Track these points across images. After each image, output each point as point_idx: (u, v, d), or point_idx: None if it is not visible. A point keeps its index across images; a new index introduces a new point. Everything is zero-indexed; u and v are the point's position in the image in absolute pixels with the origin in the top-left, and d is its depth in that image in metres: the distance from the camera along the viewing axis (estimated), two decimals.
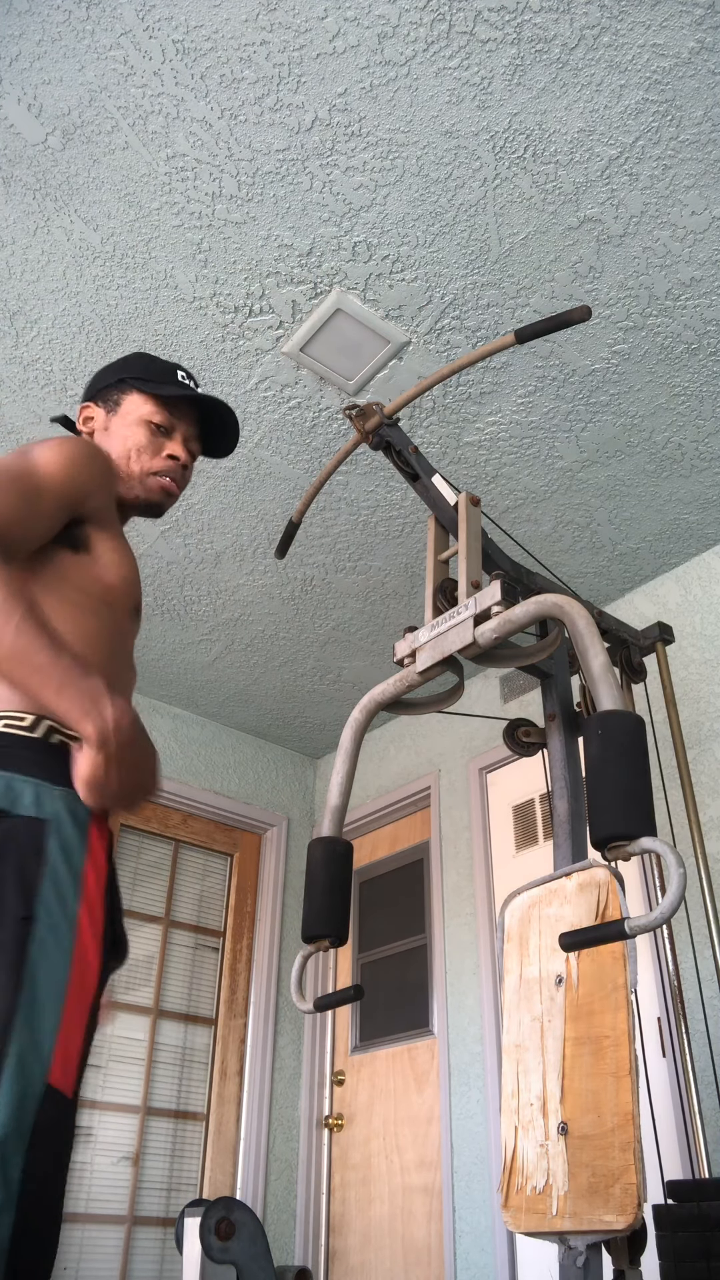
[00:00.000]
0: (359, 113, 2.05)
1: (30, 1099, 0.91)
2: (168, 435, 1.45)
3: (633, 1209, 1.31)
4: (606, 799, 1.24)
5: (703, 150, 2.10)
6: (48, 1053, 0.94)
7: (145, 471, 1.41)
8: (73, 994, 0.98)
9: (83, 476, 1.26)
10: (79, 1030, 0.98)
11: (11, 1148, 0.89)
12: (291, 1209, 3.66)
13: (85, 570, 1.25)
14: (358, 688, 4.06)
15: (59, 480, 1.22)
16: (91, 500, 1.27)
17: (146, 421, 1.43)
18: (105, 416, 1.45)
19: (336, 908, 1.67)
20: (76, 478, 1.25)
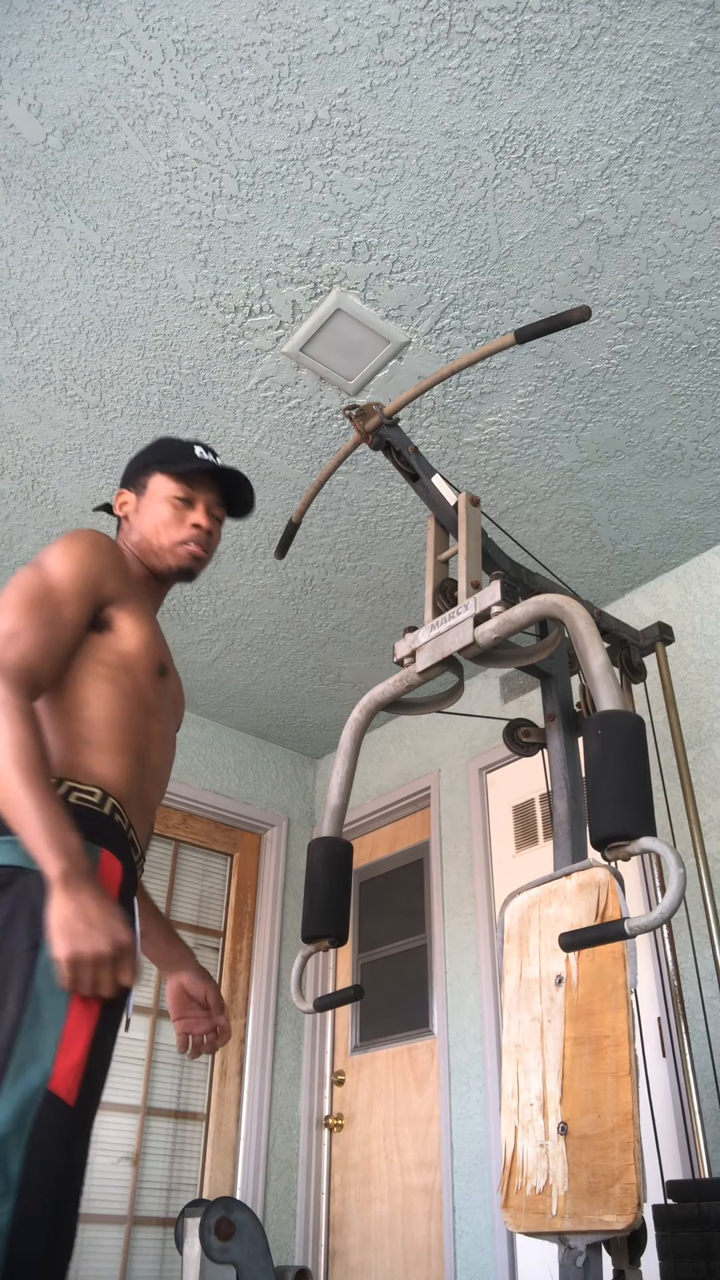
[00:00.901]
0: (359, 113, 2.05)
1: (31, 1103, 1.03)
2: (190, 507, 1.58)
3: (633, 1209, 1.31)
4: (606, 799, 1.24)
5: (703, 150, 2.10)
6: (49, 1063, 1.06)
7: (173, 542, 1.56)
8: (75, 1012, 1.11)
9: (94, 570, 1.39)
10: (82, 1044, 1.10)
11: (11, 1145, 1.00)
12: (291, 1209, 3.67)
13: (107, 645, 1.39)
14: (358, 688, 4.06)
15: (75, 586, 1.36)
16: (105, 586, 1.40)
17: (170, 498, 1.57)
18: (136, 500, 1.61)
19: (336, 908, 1.67)
20: (89, 575, 1.38)
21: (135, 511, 1.60)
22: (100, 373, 2.65)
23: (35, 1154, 1.01)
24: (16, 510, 3.13)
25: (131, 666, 1.39)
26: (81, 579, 1.37)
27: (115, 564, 1.44)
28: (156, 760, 1.43)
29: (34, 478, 3.00)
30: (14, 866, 1.19)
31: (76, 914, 1.08)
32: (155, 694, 1.43)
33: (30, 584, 1.33)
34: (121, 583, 1.44)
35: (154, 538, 1.56)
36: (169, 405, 2.75)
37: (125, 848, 1.31)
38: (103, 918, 1.10)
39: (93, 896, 1.10)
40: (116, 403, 2.75)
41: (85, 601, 1.36)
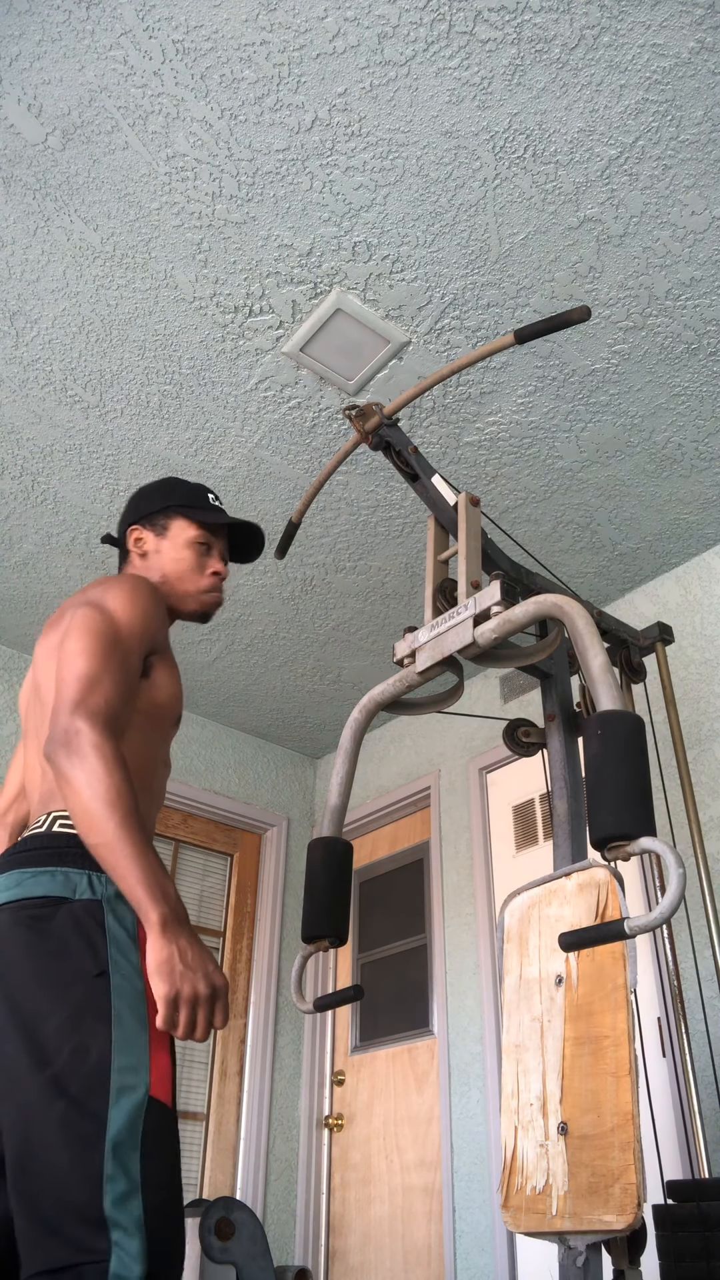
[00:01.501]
0: (359, 113, 2.05)
1: (139, 1110, 1.13)
2: (209, 553, 1.66)
3: (632, 1209, 1.31)
4: (606, 799, 1.24)
5: (703, 150, 2.10)
6: (145, 1072, 1.16)
7: (198, 590, 1.63)
8: (153, 1023, 1.19)
9: (155, 622, 1.45)
10: (165, 1051, 1.20)
11: (128, 1148, 1.10)
12: (291, 1209, 3.66)
13: (142, 692, 1.42)
14: (358, 688, 4.06)
15: (140, 635, 1.41)
16: (156, 638, 1.46)
17: (193, 543, 1.64)
18: (155, 540, 1.65)
19: (336, 908, 1.67)
20: (150, 624, 1.44)
21: (155, 551, 1.64)
22: (100, 373, 2.65)
23: (150, 1154, 1.11)
24: (16, 510, 3.13)
25: (157, 717, 1.45)
26: (144, 628, 1.42)
27: (162, 615, 1.50)
28: (160, 802, 1.51)
29: (34, 478, 3.00)
30: (57, 897, 1.24)
31: (177, 956, 1.13)
32: (167, 743, 1.50)
33: (102, 629, 1.36)
34: (164, 633, 1.50)
35: (179, 582, 1.62)
36: (169, 405, 2.75)
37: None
38: (200, 961, 1.14)
39: (190, 941, 1.15)
40: (116, 403, 2.75)
41: (144, 653, 1.42)
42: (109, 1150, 1.08)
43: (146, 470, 2.97)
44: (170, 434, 2.84)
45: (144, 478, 3.00)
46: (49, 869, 1.26)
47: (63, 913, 1.23)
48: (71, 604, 1.45)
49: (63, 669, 1.31)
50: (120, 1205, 1.06)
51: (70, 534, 3.23)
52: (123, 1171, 1.08)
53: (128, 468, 2.96)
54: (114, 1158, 1.08)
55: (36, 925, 1.22)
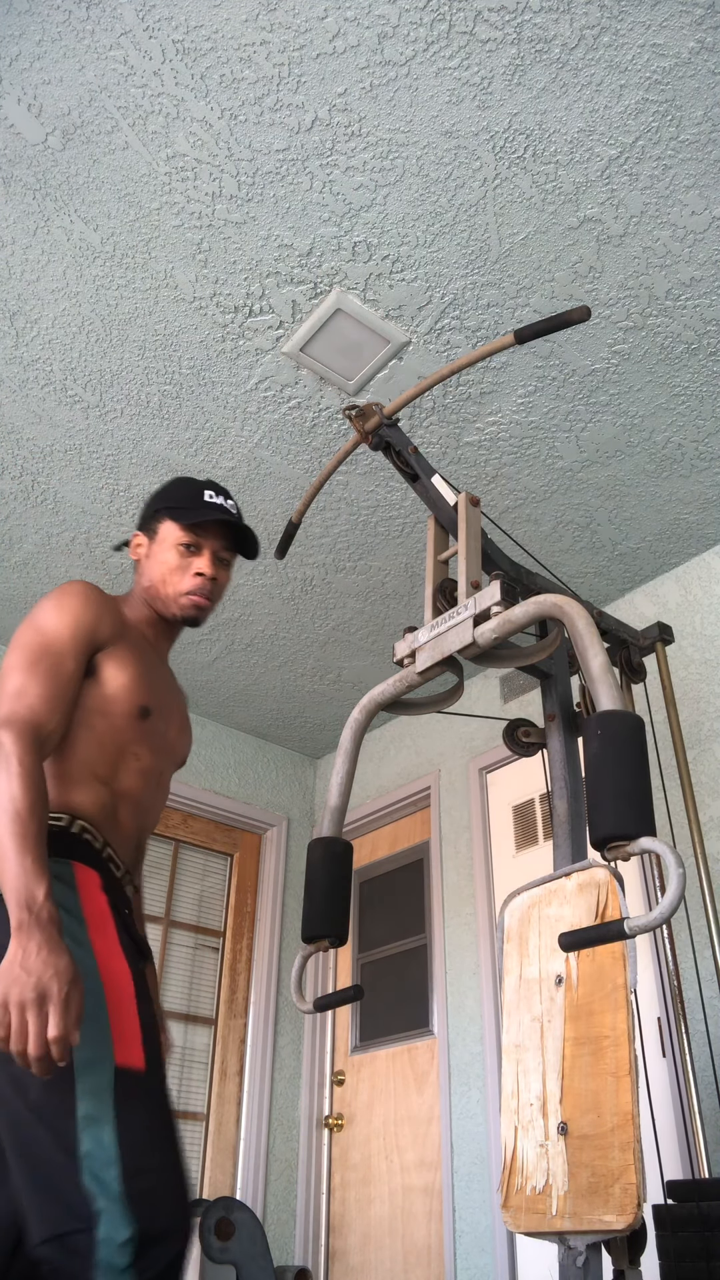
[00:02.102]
0: (359, 113, 2.05)
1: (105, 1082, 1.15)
2: (196, 553, 1.63)
3: (632, 1209, 1.31)
4: (606, 799, 1.24)
5: (703, 150, 2.10)
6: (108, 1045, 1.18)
7: (177, 593, 1.61)
8: (111, 996, 1.22)
9: (87, 621, 1.46)
10: (131, 1018, 1.22)
11: (101, 1124, 1.13)
12: (291, 1209, 3.66)
13: (88, 690, 1.46)
14: (358, 688, 4.06)
15: (71, 639, 1.43)
16: (97, 635, 1.47)
17: (177, 545, 1.62)
18: (149, 544, 1.66)
19: (336, 908, 1.67)
20: (81, 627, 1.45)
21: (147, 556, 1.65)
22: (100, 373, 2.66)
23: (124, 1124, 1.13)
24: (16, 510, 3.13)
25: (107, 710, 1.46)
26: (76, 631, 1.44)
27: (105, 612, 1.50)
28: (137, 793, 1.49)
29: (34, 478, 3.00)
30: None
31: (17, 961, 1.13)
32: (133, 734, 1.48)
33: (30, 642, 1.41)
34: (111, 630, 1.50)
35: (161, 585, 1.61)
36: (169, 405, 2.75)
37: (99, 862, 1.38)
38: (41, 965, 1.13)
39: (38, 945, 1.14)
40: (116, 403, 2.75)
41: (82, 654, 1.44)
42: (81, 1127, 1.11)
43: (146, 470, 2.97)
44: (170, 434, 2.84)
45: (144, 478, 3.00)
46: None
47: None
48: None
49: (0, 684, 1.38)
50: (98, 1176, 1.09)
51: (70, 534, 3.23)
52: (97, 1144, 1.11)
53: (128, 468, 2.96)
54: (87, 1132, 1.11)
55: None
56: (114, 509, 3.12)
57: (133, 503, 3.10)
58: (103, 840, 1.41)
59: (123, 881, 1.44)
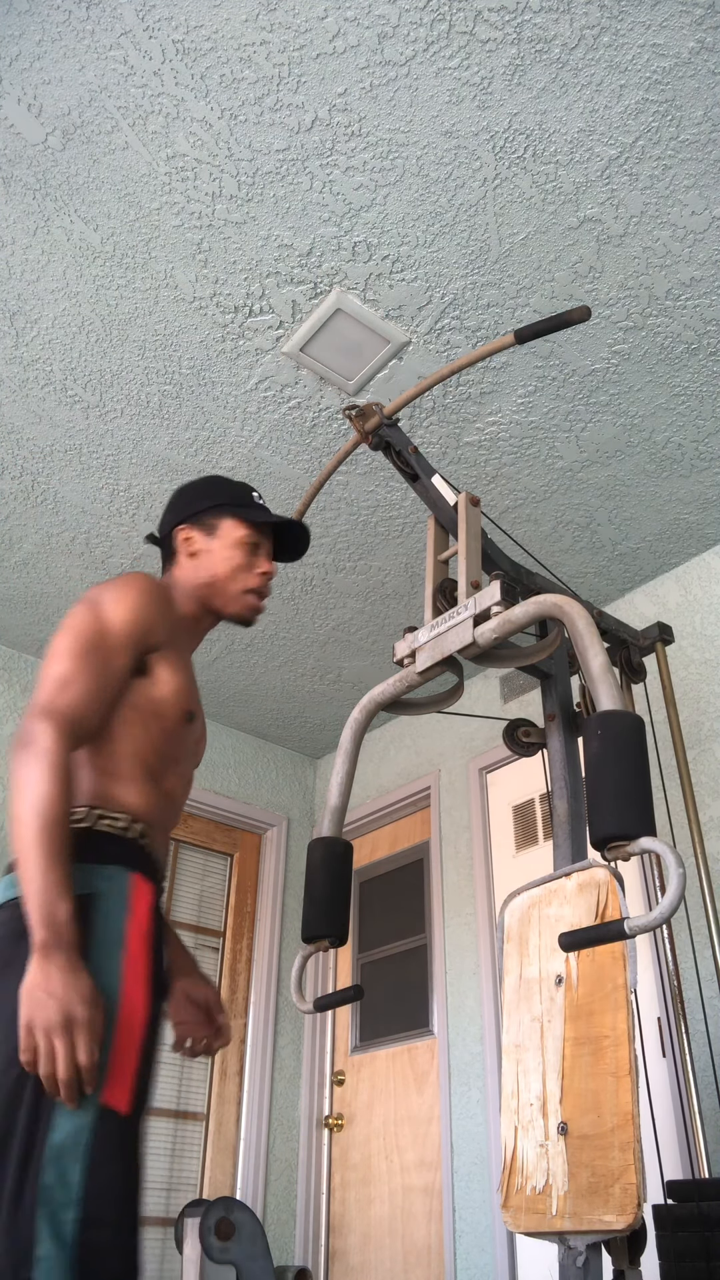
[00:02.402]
0: (359, 113, 2.05)
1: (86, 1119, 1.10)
2: (258, 552, 1.64)
3: (632, 1209, 1.31)
4: (606, 799, 1.24)
5: (703, 150, 2.09)
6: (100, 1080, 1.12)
7: (243, 589, 1.61)
8: (121, 1030, 1.17)
9: (149, 620, 1.43)
10: (131, 1059, 1.16)
11: (70, 1158, 1.07)
12: (291, 1209, 3.66)
13: (141, 690, 1.42)
14: (358, 688, 4.06)
15: (129, 635, 1.39)
16: (154, 635, 1.44)
17: (243, 543, 1.62)
18: (205, 539, 1.63)
19: (336, 908, 1.67)
20: (141, 624, 1.41)
21: (206, 551, 1.62)
22: (100, 373, 2.65)
23: (95, 1165, 1.07)
24: (16, 510, 3.13)
25: (161, 713, 1.43)
26: (134, 628, 1.40)
27: (164, 612, 1.49)
28: (177, 797, 1.48)
29: (34, 478, 3.00)
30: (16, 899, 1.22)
31: (40, 983, 1.10)
32: (179, 740, 1.47)
33: (84, 630, 1.36)
34: (166, 631, 1.48)
35: (226, 581, 1.60)
36: (169, 405, 2.75)
37: (153, 871, 1.35)
38: (65, 989, 1.10)
39: (61, 968, 1.11)
40: (116, 403, 2.75)
41: (135, 651, 1.40)
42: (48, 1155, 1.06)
43: (146, 470, 2.97)
44: (170, 434, 2.84)
45: (144, 478, 3.00)
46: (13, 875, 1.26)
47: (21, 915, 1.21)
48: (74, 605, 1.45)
49: (44, 666, 1.33)
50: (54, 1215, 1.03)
51: (70, 534, 3.23)
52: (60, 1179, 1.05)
53: (128, 468, 2.96)
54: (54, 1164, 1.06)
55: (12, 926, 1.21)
56: (114, 509, 3.12)
57: (132, 503, 3.10)
58: (152, 845, 1.38)
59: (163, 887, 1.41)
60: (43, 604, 3.58)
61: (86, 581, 3.45)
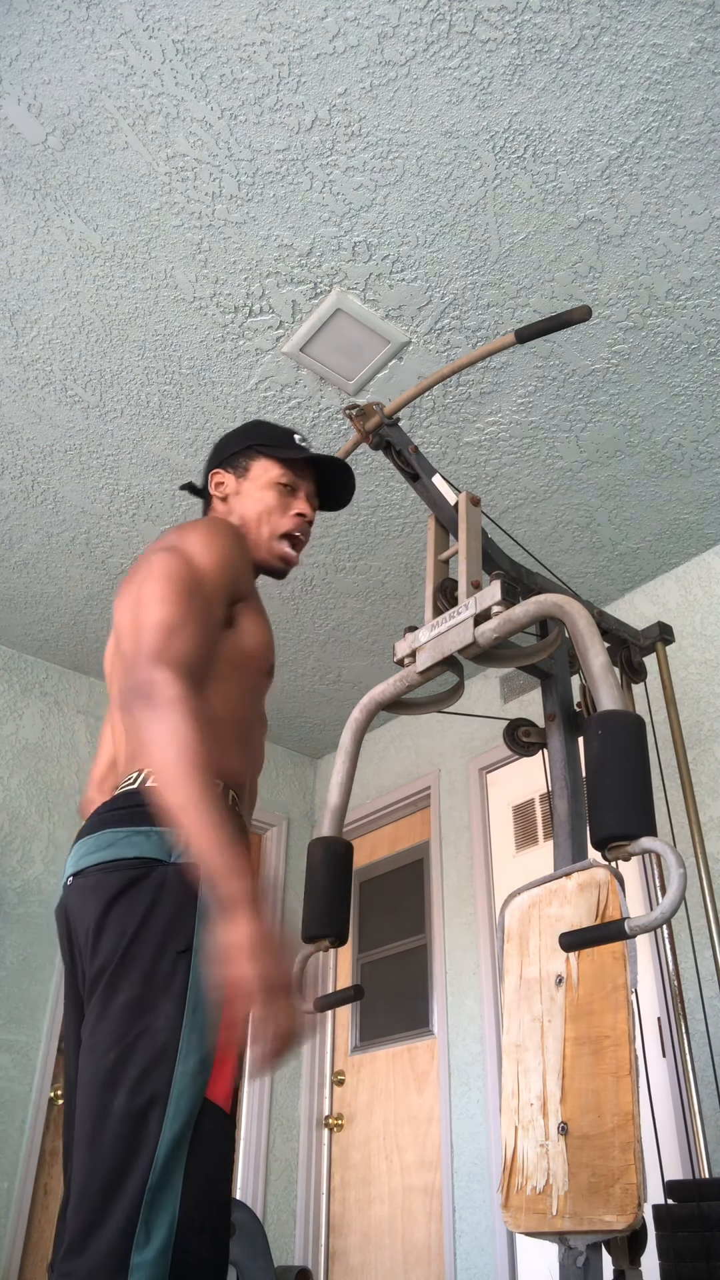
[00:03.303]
0: (359, 113, 2.05)
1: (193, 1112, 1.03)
2: (294, 494, 1.54)
3: (633, 1209, 1.31)
4: (606, 799, 1.24)
5: (703, 150, 2.09)
6: (208, 1071, 1.05)
7: (274, 533, 1.51)
8: (227, 1020, 1.08)
9: (237, 566, 1.35)
10: (235, 1050, 1.09)
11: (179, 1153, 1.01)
12: (291, 1209, 3.66)
13: (228, 641, 1.32)
14: (358, 688, 4.06)
15: (222, 580, 1.30)
16: (240, 584, 1.36)
17: (276, 483, 1.53)
18: (236, 481, 1.55)
19: (336, 908, 1.66)
20: (232, 569, 1.33)
21: (235, 493, 1.53)
22: (100, 373, 2.65)
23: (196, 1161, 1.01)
24: (16, 510, 3.13)
25: (248, 666, 1.34)
26: (227, 574, 1.31)
27: (246, 559, 1.40)
28: (259, 760, 1.39)
29: (34, 478, 3.00)
30: (151, 859, 1.13)
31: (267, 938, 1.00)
32: (262, 696, 1.39)
33: (180, 574, 1.25)
34: (248, 580, 1.40)
35: (256, 525, 1.50)
36: (169, 405, 2.75)
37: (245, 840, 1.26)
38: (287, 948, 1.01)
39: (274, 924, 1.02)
40: (116, 403, 2.75)
41: (227, 598, 1.31)
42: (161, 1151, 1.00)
43: (146, 470, 2.97)
44: (170, 434, 2.84)
45: (144, 478, 3.00)
46: (143, 828, 1.16)
47: (154, 876, 1.12)
48: (147, 552, 1.33)
49: (140, 615, 1.20)
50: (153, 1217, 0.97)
51: (70, 534, 3.23)
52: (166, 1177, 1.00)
53: (128, 468, 2.96)
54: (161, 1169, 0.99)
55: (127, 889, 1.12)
56: (114, 509, 3.12)
57: (132, 503, 3.10)
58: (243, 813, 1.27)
59: None
60: (43, 604, 3.57)
61: (87, 582, 3.45)
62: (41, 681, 3.88)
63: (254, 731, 1.36)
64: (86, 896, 1.17)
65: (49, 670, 3.92)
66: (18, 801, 3.59)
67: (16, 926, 3.37)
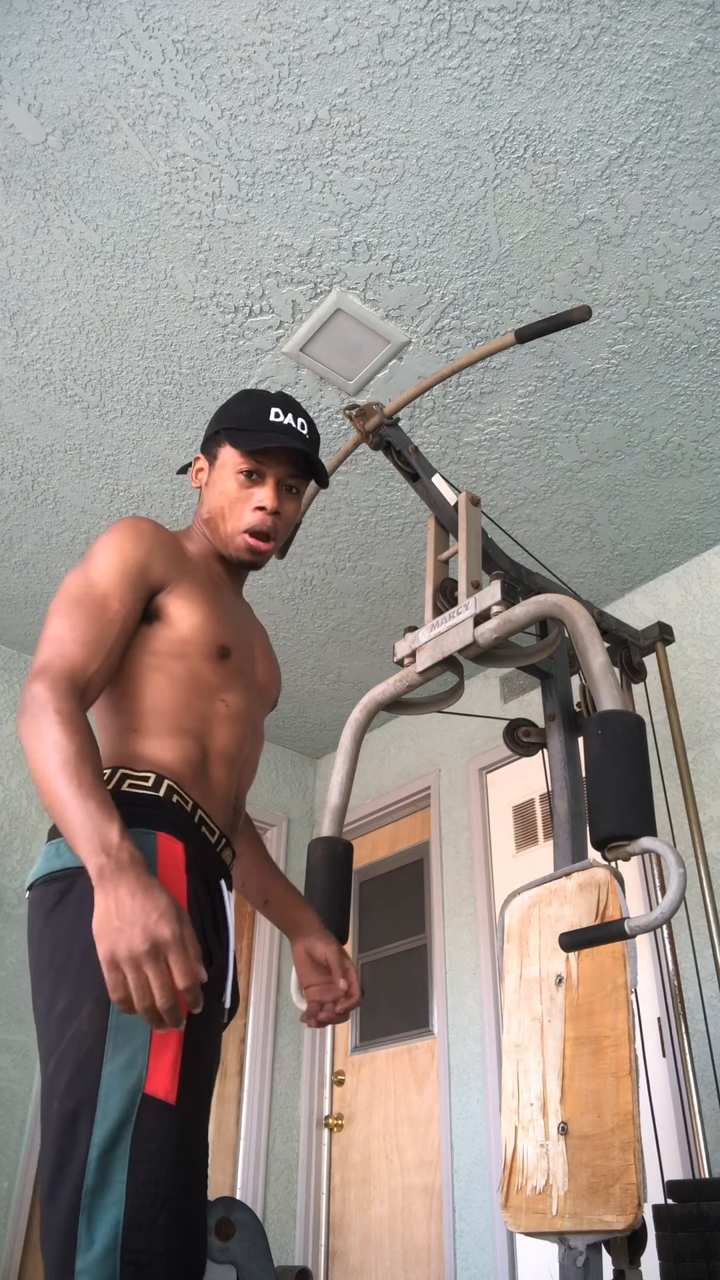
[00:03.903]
0: (359, 113, 2.05)
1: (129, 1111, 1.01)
2: (259, 482, 1.42)
3: (633, 1209, 1.31)
4: (606, 799, 1.24)
5: (703, 150, 2.09)
6: (141, 1067, 1.03)
7: (233, 531, 1.42)
8: None
9: (135, 559, 1.30)
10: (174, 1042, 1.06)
11: (115, 1155, 0.99)
12: (291, 1209, 3.66)
13: (157, 634, 1.30)
14: (358, 688, 4.06)
15: (117, 578, 1.27)
16: (152, 574, 1.31)
17: (237, 472, 1.42)
18: (209, 470, 1.46)
19: (336, 908, 1.67)
20: (130, 565, 1.29)
21: (208, 485, 1.45)
22: (100, 373, 2.65)
23: (139, 1158, 0.99)
24: (16, 510, 3.13)
25: (184, 653, 1.30)
26: (122, 570, 1.28)
27: (160, 548, 1.34)
28: (230, 746, 1.33)
29: (34, 478, 3.00)
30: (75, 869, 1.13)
31: (112, 912, 0.98)
32: (216, 677, 1.33)
33: (73, 584, 1.27)
34: (170, 567, 1.34)
35: (219, 520, 1.43)
36: (169, 405, 2.75)
37: (190, 827, 1.23)
38: (141, 912, 0.97)
39: (130, 890, 0.99)
40: (116, 403, 2.75)
41: (131, 593, 1.28)
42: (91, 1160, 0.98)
43: (146, 470, 2.97)
44: (170, 434, 2.84)
45: (144, 478, 3.00)
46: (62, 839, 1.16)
47: (79, 885, 1.11)
48: None
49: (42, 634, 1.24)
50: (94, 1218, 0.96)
51: (70, 534, 3.23)
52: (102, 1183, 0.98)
53: (128, 468, 2.96)
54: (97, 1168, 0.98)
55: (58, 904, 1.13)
56: (114, 509, 3.12)
57: (132, 503, 3.10)
58: (193, 802, 1.24)
59: (220, 849, 1.27)
60: (43, 604, 3.57)
61: None
62: None
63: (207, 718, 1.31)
64: (32, 913, 1.19)
65: None
66: (18, 801, 3.59)
67: (17, 927, 3.37)
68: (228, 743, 1.33)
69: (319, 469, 1.46)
